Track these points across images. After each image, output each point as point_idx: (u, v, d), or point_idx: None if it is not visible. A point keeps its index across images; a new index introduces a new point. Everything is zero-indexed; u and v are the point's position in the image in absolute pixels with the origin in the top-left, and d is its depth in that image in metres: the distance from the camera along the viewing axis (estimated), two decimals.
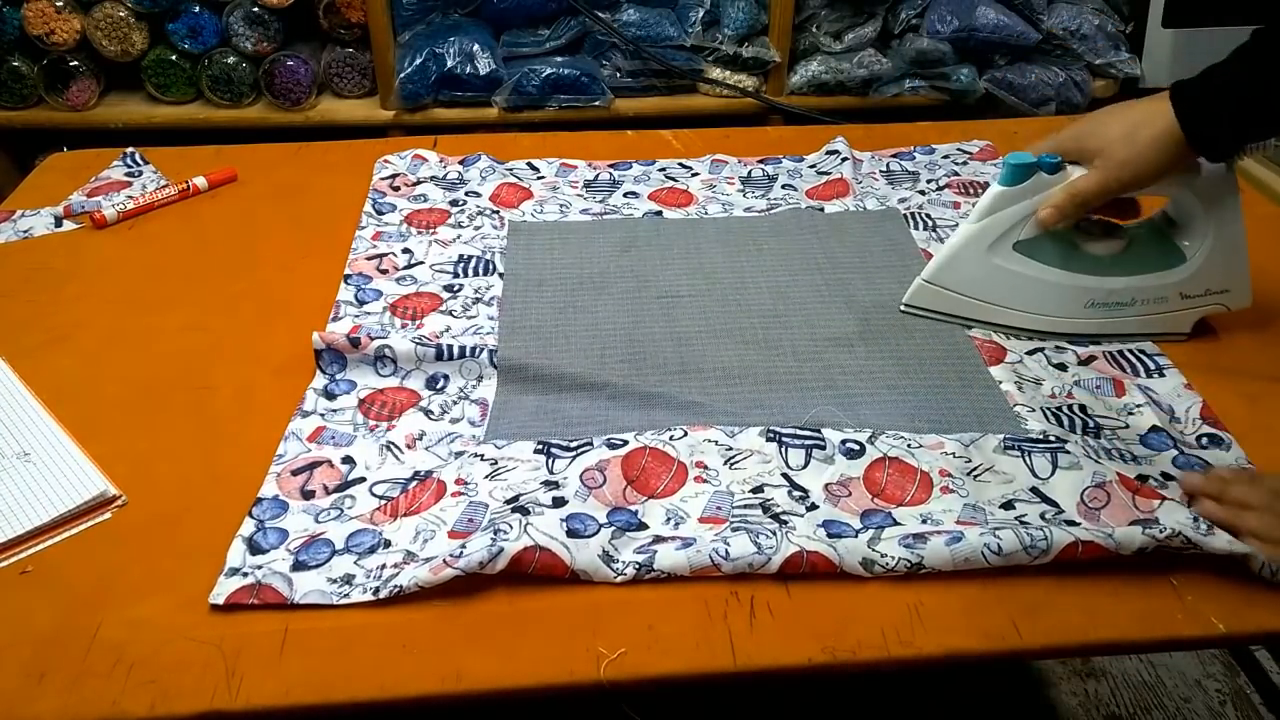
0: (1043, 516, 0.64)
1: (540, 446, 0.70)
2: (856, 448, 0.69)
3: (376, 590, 0.59)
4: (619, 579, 0.60)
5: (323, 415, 0.74)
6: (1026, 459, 0.68)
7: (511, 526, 0.62)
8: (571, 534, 0.62)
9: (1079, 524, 0.63)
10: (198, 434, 0.72)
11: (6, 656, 0.56)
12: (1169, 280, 0.80)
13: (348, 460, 0.70)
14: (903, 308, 0.85)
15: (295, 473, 0.68)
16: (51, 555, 0.63)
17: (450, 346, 0.78)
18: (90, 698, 0.54)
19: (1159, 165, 0.73)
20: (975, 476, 0.67)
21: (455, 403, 0.75)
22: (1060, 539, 0.60)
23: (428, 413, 0.74)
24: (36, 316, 0.85)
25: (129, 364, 0.79)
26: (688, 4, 1.72)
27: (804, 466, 0.68)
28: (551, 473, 0.68)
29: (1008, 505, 0.65)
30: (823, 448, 0.69)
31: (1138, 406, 0.74)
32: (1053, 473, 0.67)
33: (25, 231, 0.97)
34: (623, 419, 0.73)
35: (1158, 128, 0.72)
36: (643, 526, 0.64)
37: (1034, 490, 0.66)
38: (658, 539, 0.63)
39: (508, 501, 0.65)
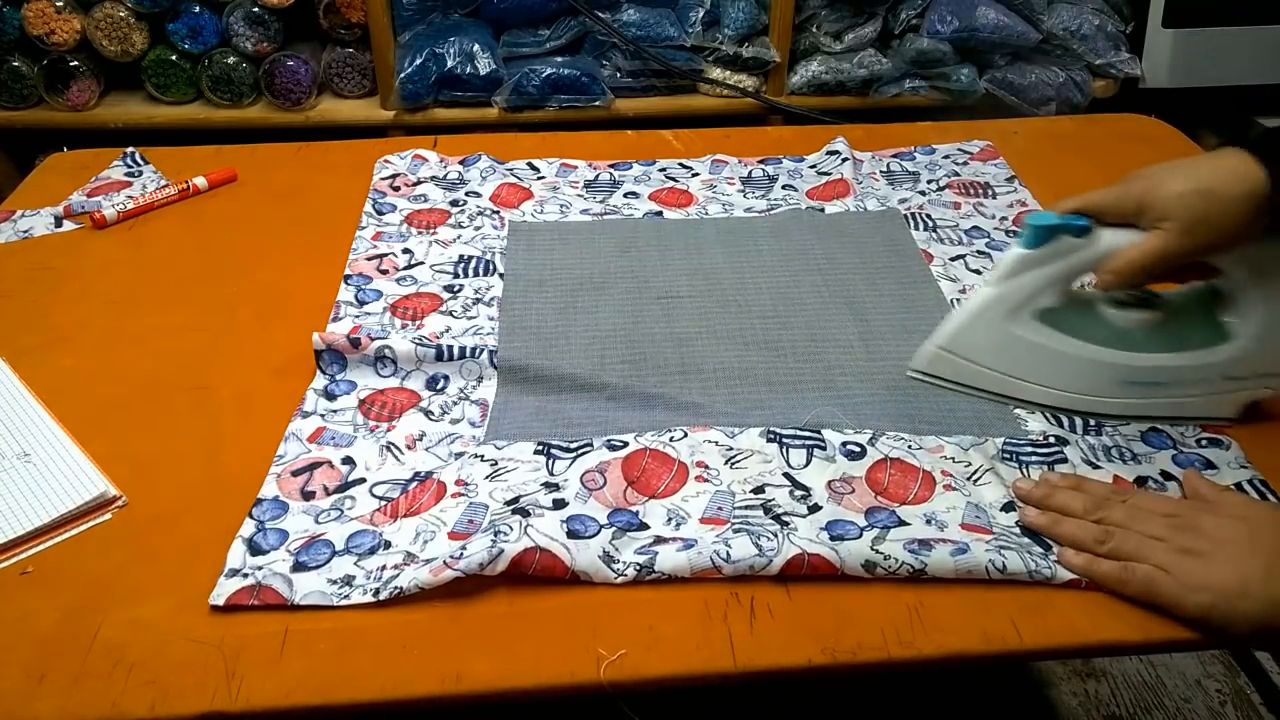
0: None
1: (540, 447, 0.70)
2: (857, 449, 0.69)
3: (376, 591, 0.59)
4: (619, 580, 0.60)
5: (323, 416, 0.74)
6: (1024, 471, 0.68)
7: (512, 528, 0.62)
8: (572, 535, 0.62)
9: None
10: (198, 434, 0.72)
11: (6, 657, 0.56)
12: (1210, 360, 0.71)
13: (348, 461, 0.70)
14: (911, 374, 0.77)
15: (295, 473, 0.68)
16: (51, 556, 0.63)
17: (450, 347, 0.78)
18: (90, 698, 0.54)
19: (1240, 228, 0.64)
20: (975, 481, 0.68)
21: (455, 403, 0.75)
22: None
23: (428, 413, 0.74)
24: (36, 316, 0.85)
25: (129, 364, 0.79)
26: (688, 4, 1.72)
27: (805, 467, 0.68)
28: (552, 474, 0.68)
29: (1008, 508, 0.65)
30: (823, 448, 0.69)
31: None
32: None
33: (25, 231, 0.97)
34: (623, 420, 0.73)
35: (1245, 186, 0.63)
36: (644, 527, 0.64)
37: None
38: (659, 540, 0.63)
39: (508, 503, 0.65)
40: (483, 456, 0.69)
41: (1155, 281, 0.70)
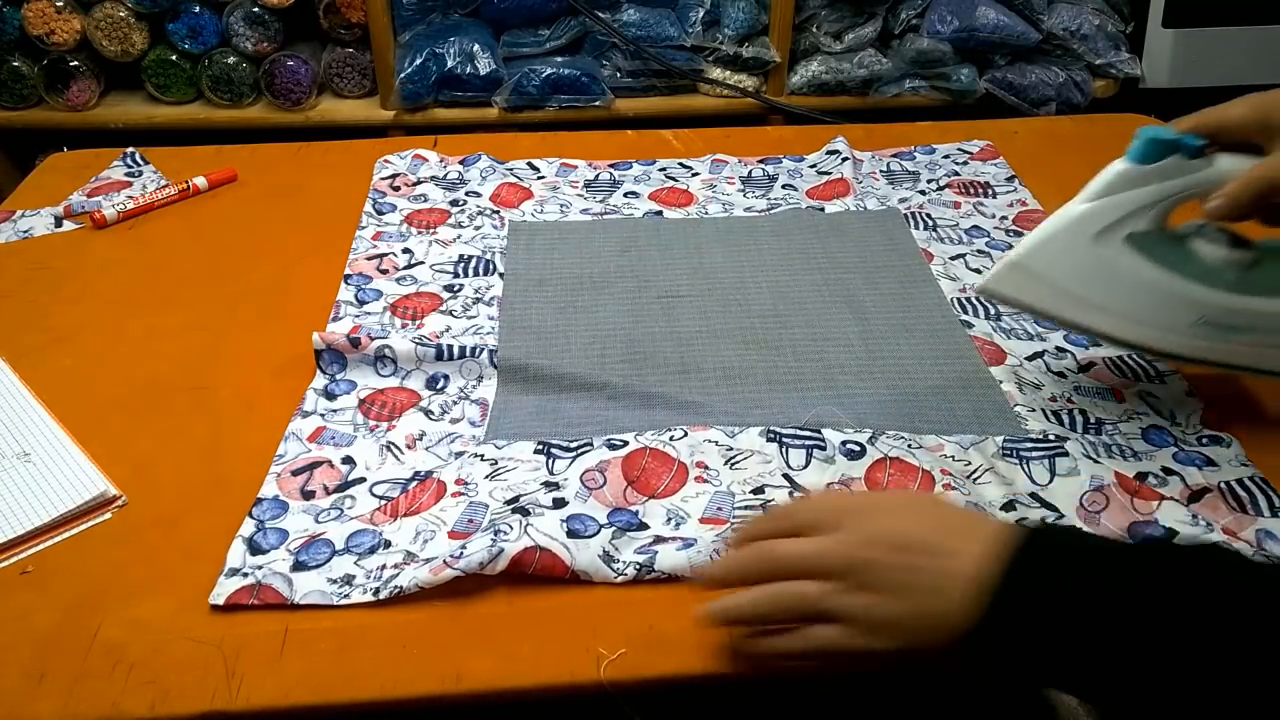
0: (1043, 521, 0.64)
1: (540, 447, 0.70)
2: (857, 449, 0.69)
3: (377, 591, 0.59)
4: (619, 579, 0.60)
5: (323, 415, 0.74)
6: (1024, 466, 0.68)
7: (512, 527, 0.62)
8: (572, 534, 0.62)
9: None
10: (198, 434, 0.72)
11: (6, 656, 0.56)
12: None
13: (348, 460, 0.70)
14: (976, 294, 0.71)
15: (295, 473, 0.68)
16: (51, 555, 0.63)
17: (450, 346, 0.78)
18: (90, 698, 0.54)
19: None
20: (975, 480, 0.68)
21: (455, 403, 0.75)
22: None
23: (428, 413, 0.74)
24: (36, 316, 0.85)
25: (129, 364, 0.79)
26: (688, 4, 1.72)
27: (805, 467, 0.68)
28: (552, 473, 0.68)
29: (1008, 506, 0.65)
30: (823, 448, 0.69)
31: (1138, 413, 0.74)
32: (1051, 479, 0.67)
33: (25, 231, 0.97)
34: (623, 419, 0.73)
35: None
36: (643, 527, 0.64)
37: (1033, 495, 0.66)
38: (658, 539, 0.63)
39: (508, 502, 0.65)
40: (483, 456, 0.69)
41: (1270, 207, 0.64)
